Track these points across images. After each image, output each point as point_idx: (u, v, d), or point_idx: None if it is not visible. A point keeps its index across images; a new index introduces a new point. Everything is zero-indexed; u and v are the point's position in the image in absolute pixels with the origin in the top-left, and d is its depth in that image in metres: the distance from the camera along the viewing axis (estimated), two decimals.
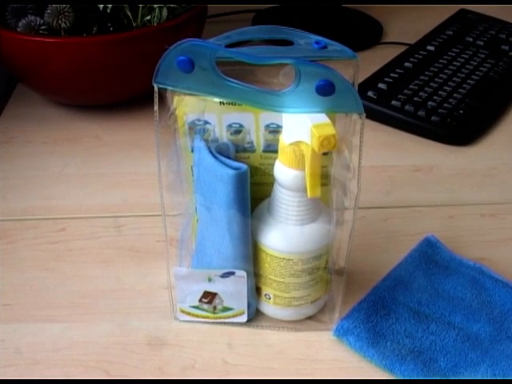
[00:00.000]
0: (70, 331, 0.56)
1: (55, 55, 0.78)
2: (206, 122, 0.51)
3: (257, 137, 0.53)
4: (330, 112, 0.44)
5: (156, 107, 0.47)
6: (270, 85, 0.46)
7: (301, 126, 0.45)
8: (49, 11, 0.81)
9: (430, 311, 0.58)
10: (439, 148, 0.82)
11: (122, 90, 0.85)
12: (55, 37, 0.79)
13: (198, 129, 0.52)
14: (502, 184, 0.77)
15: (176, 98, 0.50)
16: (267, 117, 0.51)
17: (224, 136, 0.52)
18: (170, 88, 0.46)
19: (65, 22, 0.80)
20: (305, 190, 0.48)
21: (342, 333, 0.55)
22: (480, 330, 0.56)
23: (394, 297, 0.58)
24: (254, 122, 0.52)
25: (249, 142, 0.53)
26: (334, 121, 0.45)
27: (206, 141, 0.51)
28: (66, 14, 0.80)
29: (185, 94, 0.48)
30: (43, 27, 0.80)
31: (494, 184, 0.77)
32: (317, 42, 0.49)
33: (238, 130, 0.52)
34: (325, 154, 0.47)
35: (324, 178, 0.49)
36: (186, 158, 0.54)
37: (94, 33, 0.82)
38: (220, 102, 0.50)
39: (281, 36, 0.49)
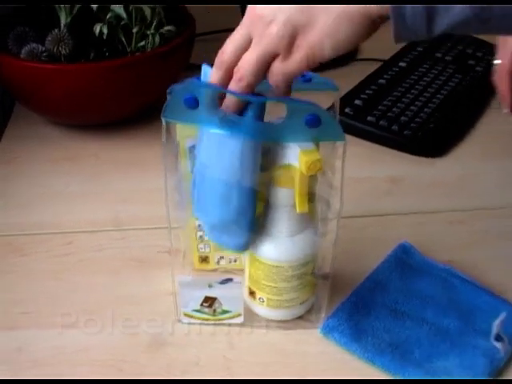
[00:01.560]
0: (86, 335, 0.62)
1: (56, 80, 0.84)
2: None
3: None
4: (317, 141, 0.51)
5: (164, 138, 0.54)
6: None
7: (290, 151, 0.53)
8: (49, 39, 0.87)
9: (405, 309, 0.65)
10: (411, 160, 0.89)
11: (118, 110, 0.91)
12: (56, 63, 0.86)
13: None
14: (469, 193, 0.84)
15: (178, 126, 0.57)
16: None
17: None
18: (177, 122, 0.53)
19: (64, 49, 0.87)
20: (294, 206, 0.56)
21: (327, 330, 0.62)
22: (449, 324, 0.64)
23: (373, 297, 0.66)
24: None
25: None
26: (319, 147, 0.52)
27: None
28: (66, 41, 0.87)
29: None
30: (45, 54, 0.86)
31: (462, 193, 0.84)
32: (303, 76, 0.56)
33: None
34: (311, 175, 0.53)
35: (310, 195, 0.56)
36: (186, 178, 0.61)
37: (92, 58, 0.89)
38: None
39: None
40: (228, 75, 0.52)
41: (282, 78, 0.51)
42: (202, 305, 0.62)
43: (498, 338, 0.61)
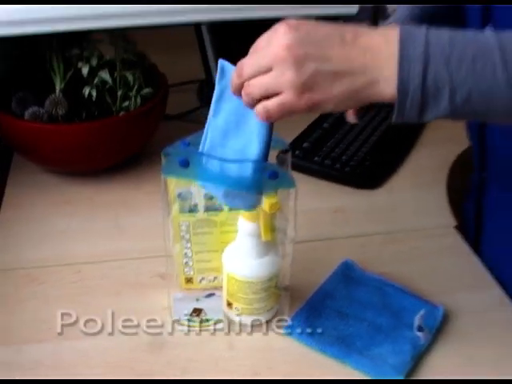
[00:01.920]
0: (101, 344, 0.78)
1: (56, 138, 1.01)
2: (190, 192, 0.76)
3: None
4: (276, 189, 0.70)
5: (162, 189, 0.72)
6: None
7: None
8: (48, 102, 1.03)
9: (349, 311, 0.83)
10: (352, 192, 1.08)
11: (107, 160, 1.07)
12: (55, 124, 1.02)
13: (183, 194, 0.77)
14: (400, 218, 1.03)
15: (169, 180, 0.75)
16: None
17: (202, 201, 0.77)
18: (173, 177, 0.71)
19: (61, 110, 1.03)
20: (260, 235, 0.74)
21: (289, 330, 0.80)
22: (383, 321, 0.82)
23: (323, 303, 0.84)
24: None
25: (219, 204, 0.78)
26: (277, 192, 0.71)
27: None
28: (62, 103, 1.04)
29: None
30: (45, 115, 1.03)
31: (394, 218, 1.02)
32: None
33: (211, 197, 0.77)
34: (272, 213, 0.72)
35: (272, 227, 0.74)
36: (175, 218, 0.78)
37: (84, 117, 1.06)
38: None
39: None
40: (243, 86, 0.65)
41: (278, 110, 0.63)
42: (191, 315, 0.80)
43: (420, 329, 0.79)
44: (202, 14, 1.02)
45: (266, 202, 0.69)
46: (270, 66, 0.62)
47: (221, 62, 0.70)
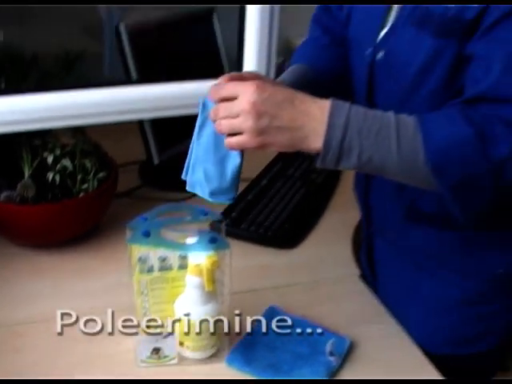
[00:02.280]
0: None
1: (27, 217, 1.21)
2: (148, 256, 0.98)
3: (174, 261, 1.00)
4: (215, 250, 0.92)
5: (128, 254, 0.93)
6: None
7: (200, 255, 0.94)
8: (19, 186, 1.23)
9: (276, 345, 1.05)
10: (274, 252, 1.30)
11: (70, 233, 1.27)
12: (25, 205, 1.22)
13: (143, 258, 0.99)
14: (314, 270, 1.26)
15: (133, 246, 0.96)
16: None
17: (157, 262, 0.99)
18: (138, 245, 0.93)
19: (30, 192, 1.23)
20: (204, 287, 0.96)
21: (230, 362, 1.02)
22: (303, 350, 1.04)
23: (256, 339, 1.05)
24: (172, 253, 0.99)
25: (170, 264, 1.00)
26: (216, 253, 0.93)
27: None
28: (30, 187, 1.24)
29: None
30: (18, 198, 1.23)
31: (309, 270, 1.26)
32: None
33: (164, 259, 0.99)
34: (213, 269, 0.94)
35: (213, 280, 0.96)
36: (137, 277, 1.00)
37: (50, 198, 1.26)
38: None
39: None
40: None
41: (238, 146, 0.88)
42: (151, 353, 1.00)
43: (332, 354, 1.02)
44: (144, 113, 1.26)
45: (208, 261, 0.92)
46: (238, 113, 0.86)
47: (203, 98, 0.93)
